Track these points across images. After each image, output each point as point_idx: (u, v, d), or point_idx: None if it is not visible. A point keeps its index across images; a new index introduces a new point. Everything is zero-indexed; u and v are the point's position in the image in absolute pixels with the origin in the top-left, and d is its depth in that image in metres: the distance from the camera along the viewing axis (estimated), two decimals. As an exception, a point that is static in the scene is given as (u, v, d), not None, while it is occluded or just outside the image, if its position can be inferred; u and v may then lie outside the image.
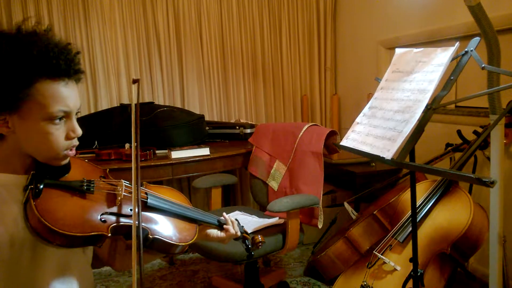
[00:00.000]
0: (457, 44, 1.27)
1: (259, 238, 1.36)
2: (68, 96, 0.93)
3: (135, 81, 1.01)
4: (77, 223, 0.91)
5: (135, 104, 0.99)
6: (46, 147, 0.94)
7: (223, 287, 2.59)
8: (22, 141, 0.93)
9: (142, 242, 1.03)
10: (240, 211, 2.46)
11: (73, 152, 0.99)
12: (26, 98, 0.88)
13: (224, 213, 1.29)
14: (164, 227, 1.08)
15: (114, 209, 1.00)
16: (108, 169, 1.13)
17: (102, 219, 0.96)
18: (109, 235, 0.94)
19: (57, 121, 0.92)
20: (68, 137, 0.96)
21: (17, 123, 0.91)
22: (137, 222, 0.90)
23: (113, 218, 0.99)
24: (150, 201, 1.08)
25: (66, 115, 0.95)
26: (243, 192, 3.59)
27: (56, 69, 0.90)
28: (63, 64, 0.91)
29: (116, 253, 1.20)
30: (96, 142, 2.81)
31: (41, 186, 0.91)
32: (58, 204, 0.92)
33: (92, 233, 0.92)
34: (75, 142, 0.98)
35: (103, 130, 2.84)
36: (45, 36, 0.93)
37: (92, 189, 0.99)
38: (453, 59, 1.28)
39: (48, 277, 0.98)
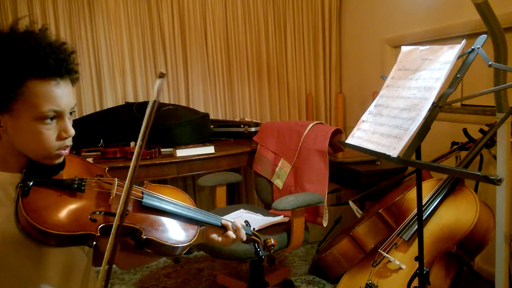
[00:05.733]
0: (463, 41, 1.27)
1: (271, 241, 1.28)
2: (60, 96, 0.92)
3: (161, 75, 0.95)
4: (64, 222, 0.90)
5: (154, 100, 0.94)
6: (37, 147, 0.93)
7: (228, 285, 2.59)
8: (14, 140, 0.93)
9: (135, 244, 1.01)
10: (245, 209, 2.46)
11: (66, 151, 0.98)
12: (16, 98, 0.88)
13: (226, 218, 1.22)
14: (161, 228, 1.05)
15: (105, 208, 0.98)
16: (107, 168, 1.11)
17: (92, 219, 0.94)
18: (98, 234, 0.92)
19: (48, 121, 0.91)
20: (60, 137, 0.94)
21: (8, 122, 0.90)
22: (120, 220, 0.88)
23: (104, 217, 0.96)
24: (145, 200, 1.05)
25: (58, 115, 0.93)
26: (247, 190, 3.59)
27: (46, 69, 0.89)
28: (53, 63, 0.90)
29: (121, 252, 1.20)
30: (101, 140, 2.82)
31: (30, 184, 0.90)
32: (47, 202, 0.91)
33: (80, 233, 0.90)
34: (68, 142, 0.97)
35: (109, 128, 2.85)
36: (39, 35, 0.92)
37: (83, 188, 0.97)
38: (459, 57, 1.27)
39: (52, 275, 0.98)
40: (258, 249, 1.27)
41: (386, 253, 1.90)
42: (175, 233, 1.07)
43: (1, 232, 0.90)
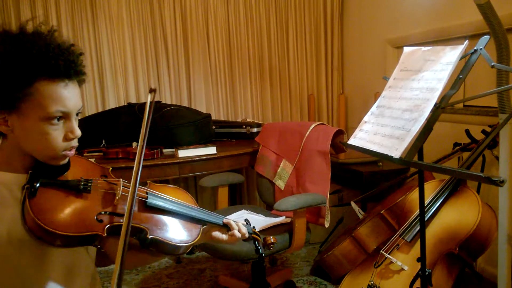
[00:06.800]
0: (466, 42, 1.27)
1: (271, 239, 1.30)
2: (68, 97, 0.92)
3: (151, 90, 1.00)
4: (71, 223, 0.90)
5: (148, 113, 0.97)
6: (43, 147, 0.93)
7: (230, 286, 2.59)
8: (21, 140, 0.93)
9: (140, 243, 1.01)
10: (247, 210, 2.46)
11: (72, 152, 0.98)
12: (25, 98, 0.88)
13: (228, 217, 1.24)
14: (165, 228, 1.06)
15: (111, 209, 0.99)
16: (110, 168, 1.11)
17: (99, 219, 0.95)
18: (105, 235, 0.93)
19: (55, 121, 0.92)
20: (66, 138, 0.95)
21: (16, 122, 0.91)
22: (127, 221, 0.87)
23: (110, 218, 0.97)
24: (149, 200, 1.06)
25: (65, 116, 0.94)
26: (249, 191, 3.59)
27: (55, 70, 0.90)
28: (62, 64, 0.90)
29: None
30: (103, 141, 2.83)
31: (37, 185, 0.91)
32: (54, 203, 0.91)
33: (87, 233, 0.91)
34: (74, 143, 0.97)
35: (111, 129, 2.85)
36: (48, 36, 0.93)
37: (89, 188, 0.98)
38: (462, 58, 1.27)
39: (55, 274, 0.99)
40: (258, 247, 1.29)
41: (388, 254, 1.89)
42: (178, 232, 1.08)
43: (8, 233, 0.91)
